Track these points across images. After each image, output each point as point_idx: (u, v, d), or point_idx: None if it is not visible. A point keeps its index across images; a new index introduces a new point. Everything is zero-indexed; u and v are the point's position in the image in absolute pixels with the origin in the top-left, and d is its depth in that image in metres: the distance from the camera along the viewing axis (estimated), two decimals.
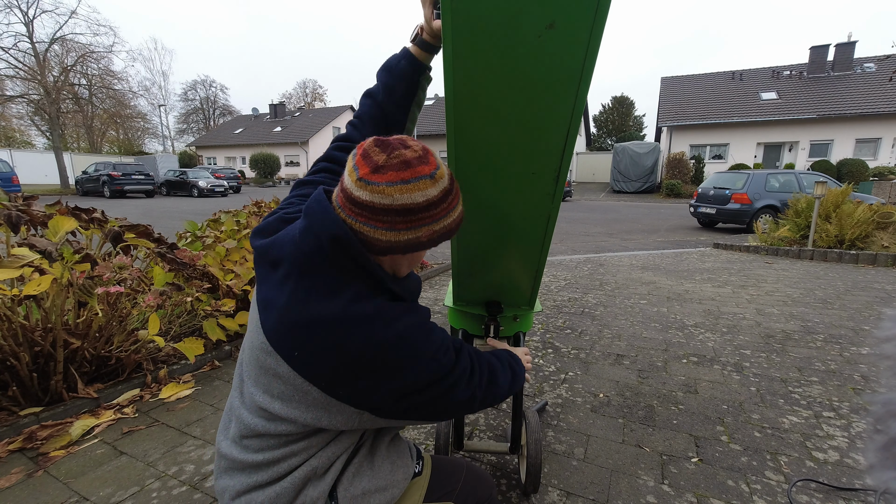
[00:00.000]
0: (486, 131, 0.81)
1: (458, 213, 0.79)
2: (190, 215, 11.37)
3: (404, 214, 0.71)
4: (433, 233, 0.74)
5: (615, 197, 21.10)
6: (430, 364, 0.76)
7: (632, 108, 46.82)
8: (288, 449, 0.77)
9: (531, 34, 0.66)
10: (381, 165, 0.70)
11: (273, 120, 38.36)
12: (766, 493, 1.46)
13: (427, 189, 0.71)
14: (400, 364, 0.73)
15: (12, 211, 1.91)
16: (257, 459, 0.78)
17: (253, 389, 0.79)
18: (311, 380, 0.73)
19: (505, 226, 1.01)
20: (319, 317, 0.72)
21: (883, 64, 19.90)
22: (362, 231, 0.73)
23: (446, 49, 0.69)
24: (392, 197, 0.69)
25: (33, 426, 1.74)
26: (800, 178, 9.43)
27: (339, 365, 0.71)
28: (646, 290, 4.21)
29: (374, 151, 0.71)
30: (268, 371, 0.76)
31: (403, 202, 0.70)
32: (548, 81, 0.72)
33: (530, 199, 0.93)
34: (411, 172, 0.70)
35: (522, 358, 1.14)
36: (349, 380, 0.72)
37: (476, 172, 0.88)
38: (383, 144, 0.72)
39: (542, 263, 1.13)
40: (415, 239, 0.73)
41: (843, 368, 2.44)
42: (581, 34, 0.65)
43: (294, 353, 0.73)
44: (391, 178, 0.69)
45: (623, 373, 2.39)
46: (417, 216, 0.71)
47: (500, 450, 1.50)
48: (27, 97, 23.18)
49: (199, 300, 2.60)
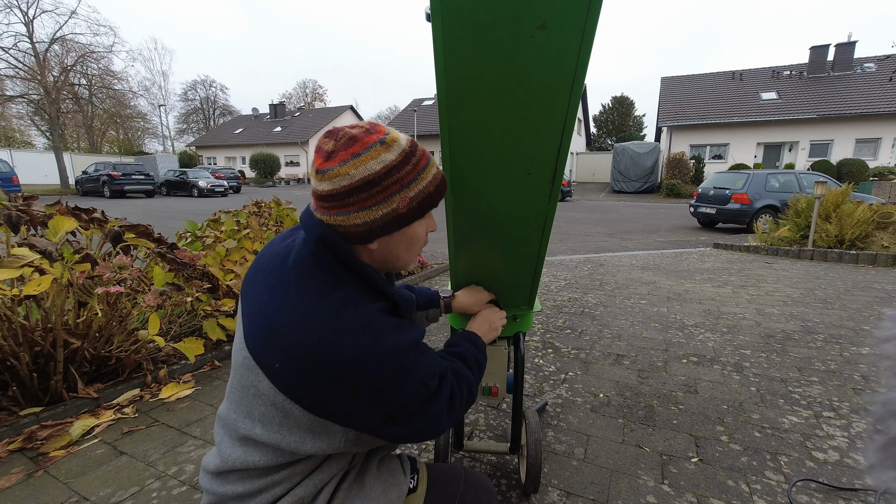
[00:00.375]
0: (479, 132, 0.80)
1: (433, 176, 0.76)
2: (190, 215, 11.37)
3: (368, 188, 0.69)
4: (409, 200, 0.72)
5: (615, 197, 21.10)
6: (417, 388, 0.72)
7: (632, 108, 46.82)
8: (270, 479, 0.72)
9: (523, 34, 0.65)
10: (331, 151, 0.69)
11: (273, 120, 38.37)
12: (766, 493, 1.46)
13: (381, 154, 0.69)
14: (386, 383, 0.68)
15: (12, 211, 1.91)
16: (237, 491, 0.73)
17: (234, 416, 0.75)
18: (292, 395, 0.68)
19: (501, 227, 1.01)
20: (306, 321, 0.67)
21: (883, 64, 19.92)
22: (339, 224, 0.71)
23: (437, 50, 0.69)
24: (349, 175, 0.68)
25: (33, 426, 1.74)
26: (800, 178, 9.43)
27: (321, 376, 0.66)
28: (646, 290, 4.21)
29: (324, 142, 0.72)
30: (249, 390, 0.71)
31: (362, 175, 0.68)
32: (541, 81, 0.71)
33: (526, 200, 0.93)
34: (360, 145, 0.69)
35: (498, 322, 1.15)
36: (332, 393, 0.67)
37: (471, 173, 0.88)
38: (330, 133, 0.72)
39: (541, 264, 1.13)
40: (391, 211, 0.71)
41: (843, 368, 2.44)
42: (573, 34, 0.65)
43: (275, 364, 0.68)
44: (342, 157, 0.68)
45: (623, 373, 2.39)
46: (382, 185, 0.69)
47: (500, 450, 1.50)
48: (27, 97, 23.19)
49: (199, 300, 2.60)
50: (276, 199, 4.44)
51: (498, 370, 1.36)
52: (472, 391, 0.88)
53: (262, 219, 3.85)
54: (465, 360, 0.92)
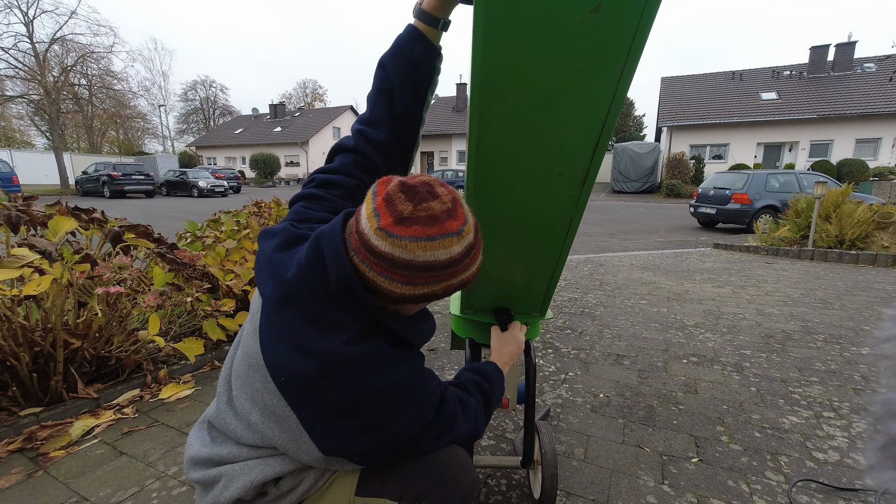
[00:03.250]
0: (511, 128, 0.74)
1: (477, 266, 0.74)
2: (190, 215, 11.37)
3: (424, 271, 0.66)
4: (449, 286, 0.71)
5: (615, 197, 21.10)
6: (418, 414, 0.73)
7: (632, 108, 46.83)
8: (257, 452, 0.76)
9: (573, 18, 0.60)
10: (405, 217, 0.64)
11: (273, 120, 38.38)
12: (766, 494, 1.46)
13: (452, 247, 0.66)
14: (387, 413, 0.70)
15: (12, 211, 1.91)
16: (222, 452, 0.77)
17: (239, 394, 0.77)
18: (294, 405, 0.70)
19: (522, 229, 0.95)
20: (313, 349, 0.68)
21: (883, 64, 19.92)
22: (376, 280, 0.67)
23: (476, 35, 0.63)
24: (414, 253, 0.64)
25: (33, 426, 1.74)
26: (800, 178, 9.44)
27: (323, 402, 0.68)
28: (646, 290, 4.21)
29: (400, 199, 0.65)
30: (254, 382, 0.74)
31: (425, 259, 0.65)
32: (586, 72, 0.66)
33: (553, 202, 0.87)
34: (438, 229, 0.64)
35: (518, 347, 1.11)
36: (331, 418, 0.69)
37: (497, 173, 0.82)
38: (410, 192, 0.65)
39: (559, 269, 1.06)
40: (430, 293, 0.69)
41: (843, 369, 2.44)
42: (630, 19, 0.59)
43: (281, 378, 0.70)
44: (416, 233, 0.64)
45: (623, 373, 2.39)
46: (438, 273, 0.67)
47: (511, 465, 1.42)
48: (27, 97, 23.17)
49: (199, 300, 2.60)
50: (276, 200, 4.44)
51: (508, 381, 1.29)
52: (477, 414, 0.88)
53: (262, 219, 3.85)
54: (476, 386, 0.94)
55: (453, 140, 29.27)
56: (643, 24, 0.60)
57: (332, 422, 0.69)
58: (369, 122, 0.92)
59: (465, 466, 0.82)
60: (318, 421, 0.70)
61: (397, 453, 0.76)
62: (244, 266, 2.88)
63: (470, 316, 1.27)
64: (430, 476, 0.78)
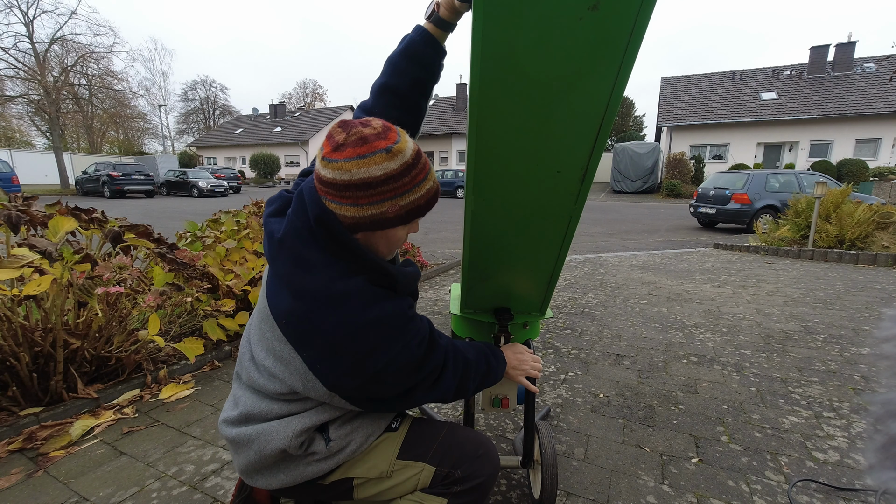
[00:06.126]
0: (511, 124, 0.75)
1: (427, 190, 0.80)
2: (190, 215, 11.38)
3: (364, 188, 0.73)
4: (399, 208, 0.77)
5: (615, 197, 21.10)
6: (401, 353, 0.78)
7: (632, 108, 46.82)
8: (279, 403, 0.85)
9: (571, 16, 0.61)
10: (340, 143, 0.73)
11: (273, 120, 38.37)
12: (766, 494, 1.46)
13: (384, 163, 0.73)
14: (371, 348, 0.76)
15: (12, 211, 1.91)
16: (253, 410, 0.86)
17: (256, 348, 0.86)
18: (296, 346, 0.78)
19: (522, 227, 0.95)
20: (304, 289, 0.76)
21: (883, 64, 19.91)
22: (335, 212, 0.77)
23: (476, 29, 0.64)
24: (350, 172, 0.72)
25: (33, 426, 1.74)
26: (800, 178, 9.43)
27: (315, 339, 0.76)
28: (646, 290, 4.21)
29: (337, 131, 0.75)
30: (265, 333, 0.83)
31: (361, 176, 0.73)
32: (585, 69, 0.67)
33: (552, 200, 0.88)
34: (367, 147, 0.72)
35: (532, 365, 1.11)
36: (324, 354, 0.76)
37: (497, 171, 0.83)
38: (345, 124, 0.75)
39: (559, 268, 1.07)
40: (379, 214, 0.76)
41: (843, 368, 2.44)
42: (626, 17, 0.61)
43: (283, 321, 0.79)
44: (349, 154, 0.73)
45: (623, 373, 2.39)
46: (377, 190, 0.74)
47: (511, 464, 1.42)
48: (27, 97, 23.15)
49: (199, 300, 2.60)
50: None
51: (508, 380, 1.28)
52: (467, 368, 0.92)
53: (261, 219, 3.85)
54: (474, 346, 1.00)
55: (453, 140, 29.24)
56: (640, 21, 0.61)
57: (329, 359, 0.76)
58: (371, 112, 1.00)
59: (494, 451, 0.95)
60: (317, 359, 0.77)
61: (393, 400, 0.84)
62: (244, 266, 2.88)
63: (470, 315, 1.27)
64: (466, 451, 0.90)
